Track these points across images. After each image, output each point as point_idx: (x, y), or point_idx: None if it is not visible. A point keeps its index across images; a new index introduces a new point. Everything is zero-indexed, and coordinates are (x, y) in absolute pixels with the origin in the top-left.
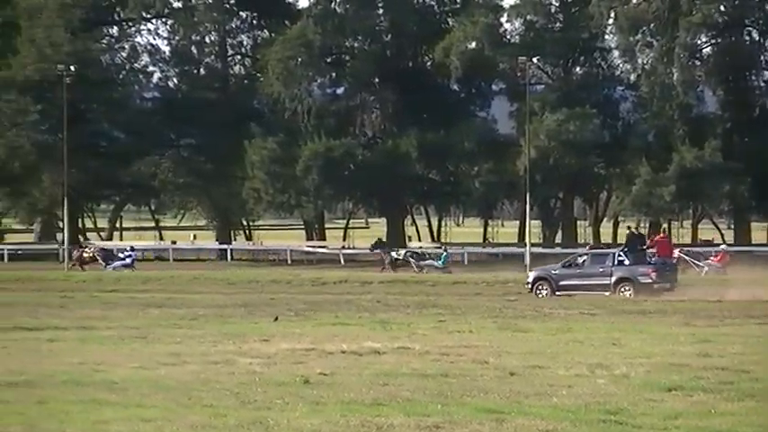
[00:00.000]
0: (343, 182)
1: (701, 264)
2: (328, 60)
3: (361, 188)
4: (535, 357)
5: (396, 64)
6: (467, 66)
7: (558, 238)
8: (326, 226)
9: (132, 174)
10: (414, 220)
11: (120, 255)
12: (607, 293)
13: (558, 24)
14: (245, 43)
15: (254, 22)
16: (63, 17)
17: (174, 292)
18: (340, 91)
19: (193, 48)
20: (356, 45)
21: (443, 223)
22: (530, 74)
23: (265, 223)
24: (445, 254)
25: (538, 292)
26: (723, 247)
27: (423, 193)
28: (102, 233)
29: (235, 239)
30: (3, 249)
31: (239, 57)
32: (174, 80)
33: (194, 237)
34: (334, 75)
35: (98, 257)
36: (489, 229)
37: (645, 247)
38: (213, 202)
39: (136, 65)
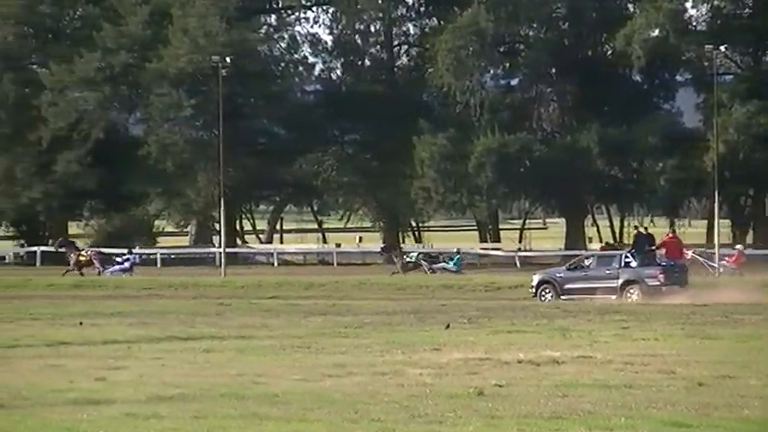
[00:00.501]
0: (519, 179)
1: (714, 264)
2: (502, 50)
3: (538, 186)
4: (725, 366)
5: (574, 53)
6: (650, 55)
7: (750, 239)
8: (501, 227)
9: (293, 172)
10: (594, 220)
11: (118, 259)
12: (614, 297)
13: (746, 10)
14: (411, 32)
15: (422, 9)
16: (217, 5)
17: (338, 299)
18: (514, 82)
19: (357, 37)
20: (531, 33)
21: (625, 223)
22: (717, 63)
23: (436, 224)
24: (458, 256)
25: (542, 296)
26: (739, 247)
27: (604, 191)
28: (261, 235)
29: (403, 242)
30: (156, 253)
31: (406, 46)
32: (337, 72)
33: (360, 239)
34: (507, 65)
35: (94, 261)
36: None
37: (654, 247)
38: (379, 203)
39: (296, 56)
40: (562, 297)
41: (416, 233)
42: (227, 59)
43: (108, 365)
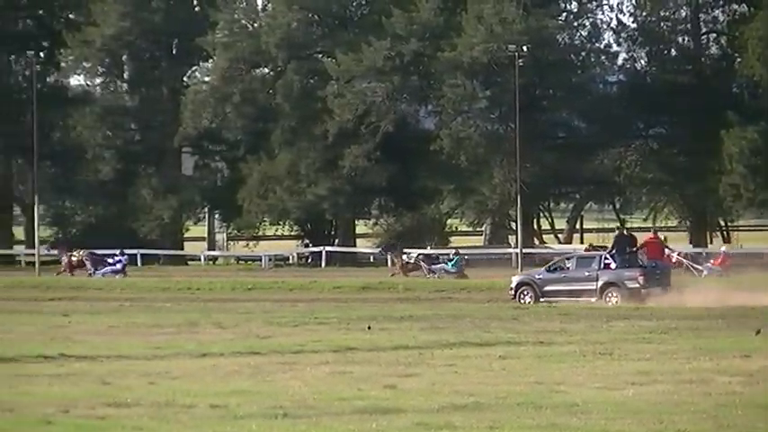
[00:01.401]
0: None
1: (699, 267)
2: None
3: None
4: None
5: None
6: None
7: None
8: None
9: (593, 168)
10: None
11: (110, 260)
12: (593, 300)
13: None
14: (720, 19)
15: None
16: None
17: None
18: None
19: (662, 24)
20: None
21: None
22: None
23: (745, 224)
24: (457, 257)
25: (521, 298)
26: (724, 249)
27: None
28: (559, 235)
29: (711, 242)
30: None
31: (714, 35)
32: (641, 62)
33: (664, 239)
34: None
35: (86, 263)
36: None
37: (635, 248)
38: (686, 200)
39: (597, 44)
40: (541, 299)
41: (725, 233)
42: (524, 48)
43: (398, 372)
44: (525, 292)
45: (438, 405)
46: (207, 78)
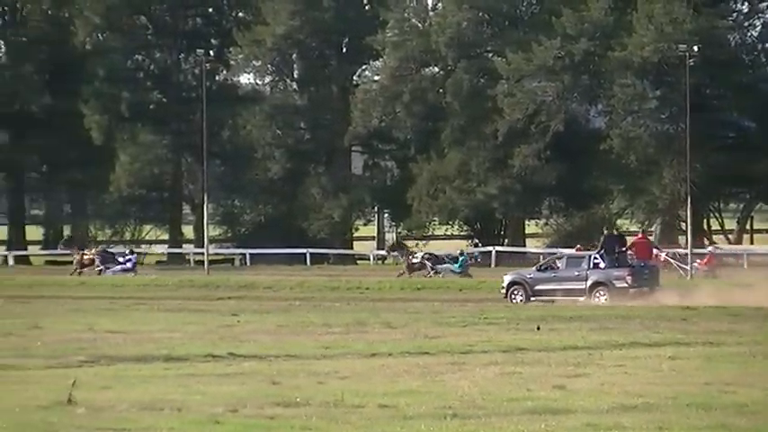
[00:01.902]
0: None
1: (686, 267)
2: None
3: None
4: None
5: None
6: None
7: None
8: None
9: (764, 169)
10: None
11: (121, 259)
12: (582, 299)
13: None
14: None
15: None
16: None
17: None
18: None
19: None
20: None
21: None
22: None
23: None
24: (463, 257)
25: (512, 297)
26: (710, 249)
27: None
28: (729, 236)
29: None
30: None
31: None
32: None
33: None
34: None
35: (96, 261)
36: None
37: (624, 248)
38: None
39: None
40: (532, 298)
41: None
42: (695, 48)
43: (567, 373)
44: (516, 292)
45: (607, 406)
46: (377, 77)
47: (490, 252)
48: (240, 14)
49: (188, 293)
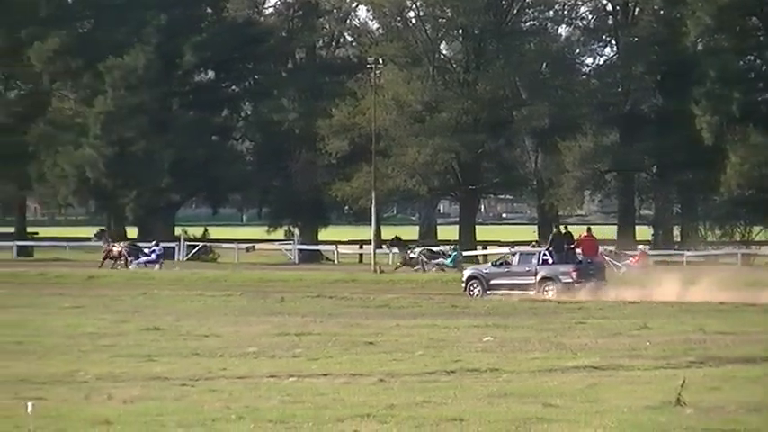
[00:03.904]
0: None
1: (619, 264)
2: None
3: None
4: None
5: None
6: None
7: None
8: None
9: None
10: None
11: (146, 251)
12: (532, 293)
13: None
14: None
15: None
16: None
17: None
18: None
19: None
20: None
21: None
22: None
23: None
24: (455, 253)
25: (470, 291)
26: (641, 248)
27: None
28: None
29: None
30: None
31: None
32: None
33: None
34: None
35: (124, 253)
36: None
37: (572, 245)
38: None
39: None
40: (488, 292)
41: None
42: None
43: None
44: (474, 285)
45: None
46: None
47: None
48: None
49: None
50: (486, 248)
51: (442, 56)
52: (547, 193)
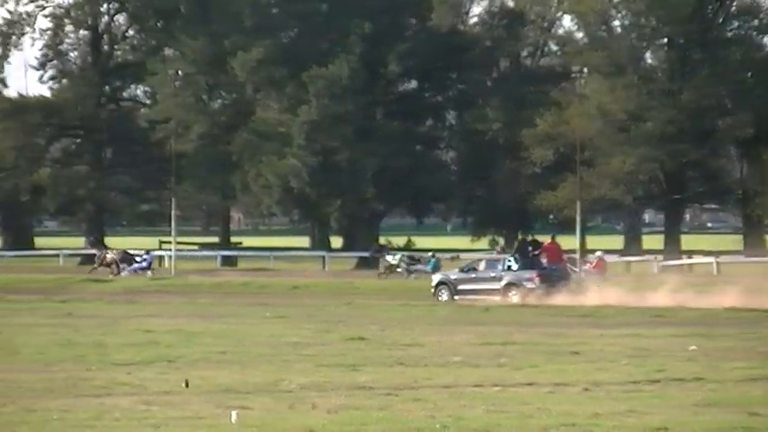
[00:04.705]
0: None
1: (577, 270)
2: None
3: None
4: None
5: None
6: None
7: None
8: None
9: None
10: None
11: (138, 258)
12: (497, 298)
13: None
14: None
15: None
16: None
17: None
18: None
19: None
20: None
21: None
22: None
23: None
24: (434, 259)
25: (439, 295)
26: (599, 254)
27: None
28: None
29: None
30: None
31: None
32: None
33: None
34: None
35: (116, 260)
36: None
37: (537, 252)
38: None
39: None
40: (455, 297)
41: None
42: None
43: None
44: (442, 291)
45: None
46: None
47: None
48: None
49: None
50: (691, 257)
51: (646, 65)
52: (752, 203)
